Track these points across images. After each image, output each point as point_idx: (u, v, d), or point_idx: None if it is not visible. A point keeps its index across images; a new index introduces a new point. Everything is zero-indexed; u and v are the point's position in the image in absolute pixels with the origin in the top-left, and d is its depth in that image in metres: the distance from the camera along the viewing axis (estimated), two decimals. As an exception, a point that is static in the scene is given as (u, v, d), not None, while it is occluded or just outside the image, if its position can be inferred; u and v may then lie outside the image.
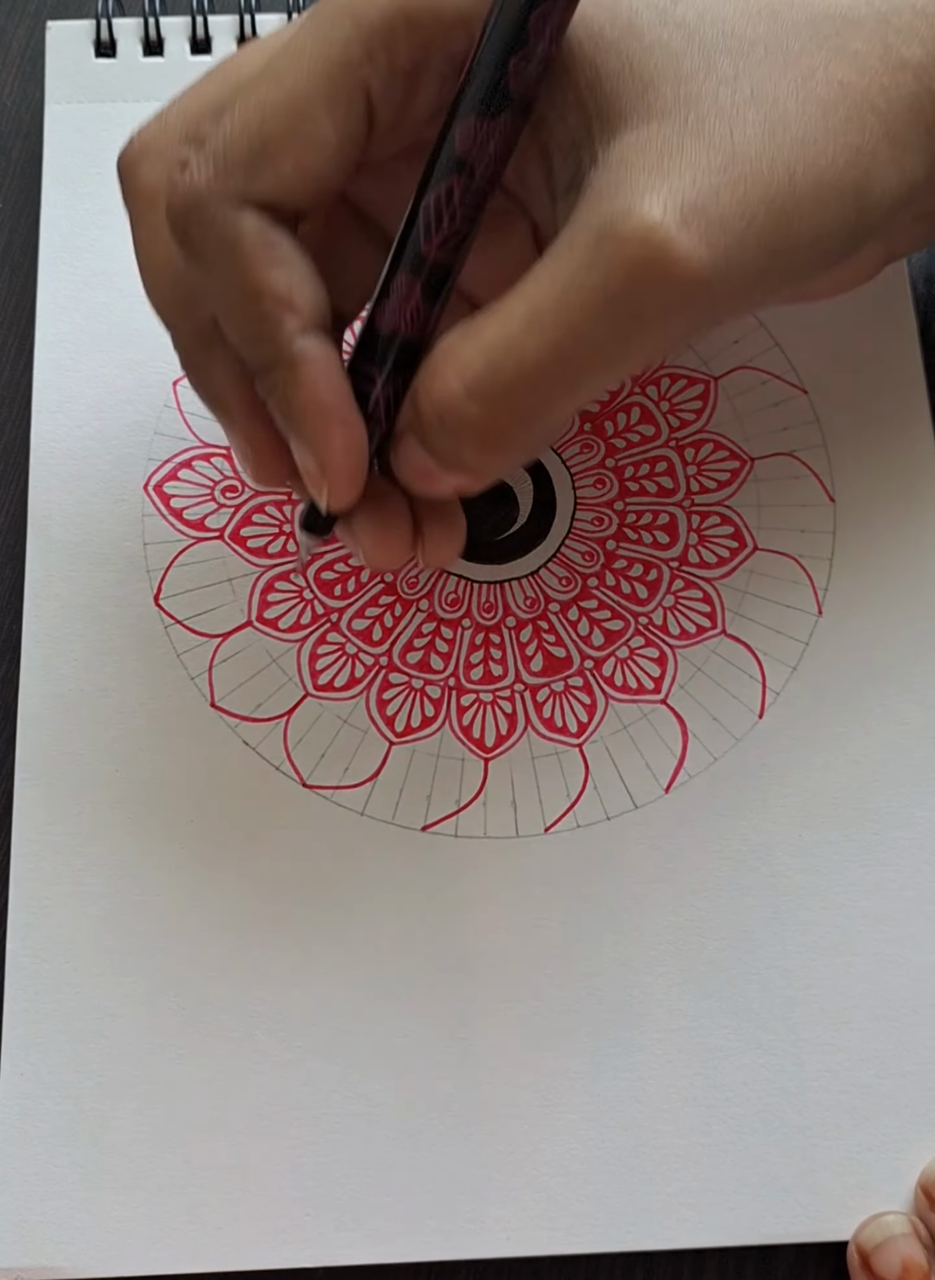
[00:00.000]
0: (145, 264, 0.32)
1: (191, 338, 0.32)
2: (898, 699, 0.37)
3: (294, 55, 0.29)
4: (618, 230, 0.28)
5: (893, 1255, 0.32)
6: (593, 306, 0.28)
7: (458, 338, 0.29)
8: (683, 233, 0.28)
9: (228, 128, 0.29)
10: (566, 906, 0.35)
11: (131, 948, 0.35)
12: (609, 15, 0.30)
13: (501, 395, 0.28)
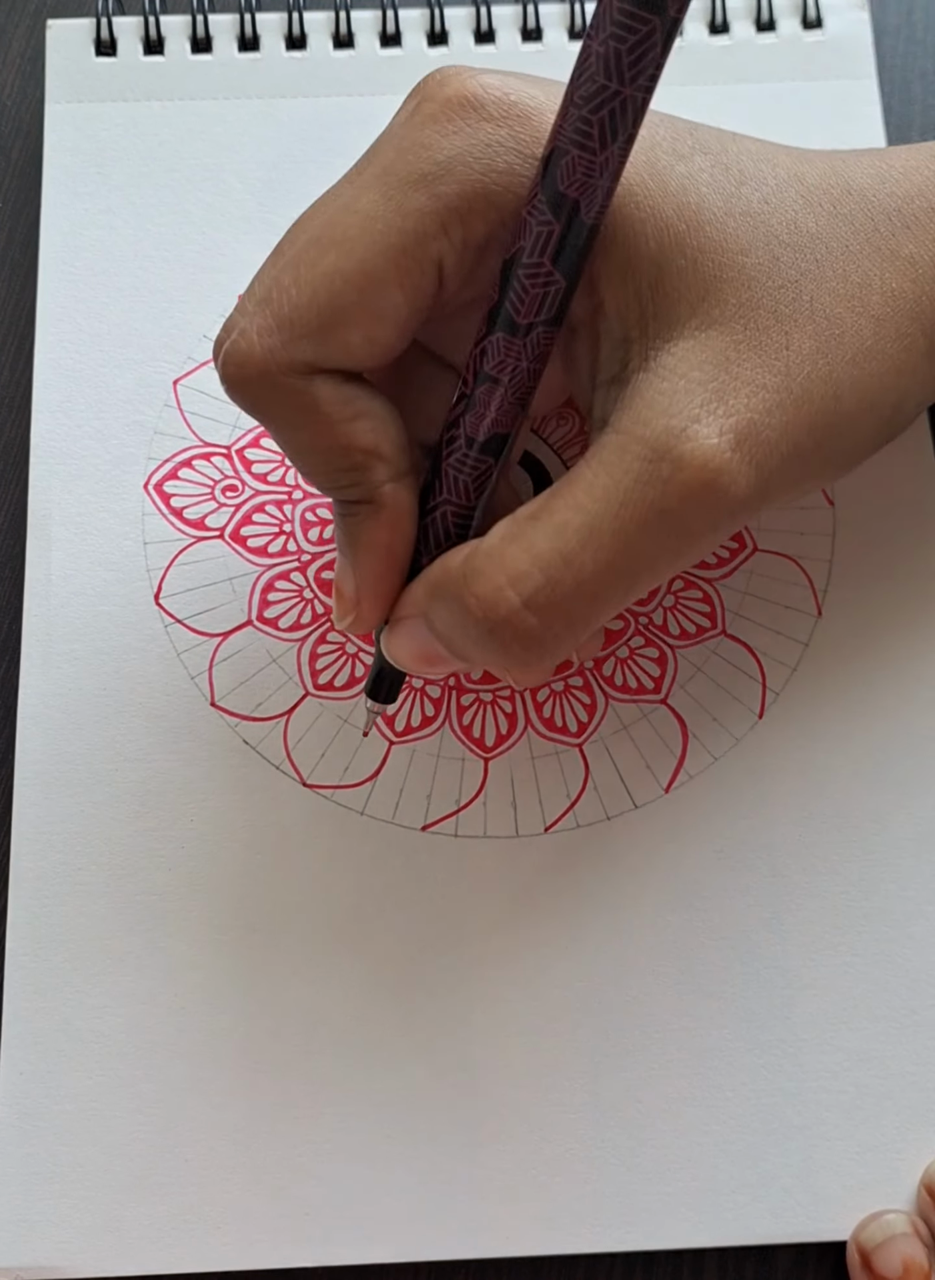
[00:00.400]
0: (299, 456, 0.32)
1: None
2: (897, 699, 0.37)
3: (365, 223, 0.29)
4: (675, 452, 0.28)
5: (893, 1254, 0.32)
6: (648, 523, 0.28)
7: (503, 541, 0.29)
8: (735, 457, 0.28)
9: (295, 296, 0.29)
10: (566, 906, 0.35)
11: (131, 948, 0.35)
12: (676, 207, 0.29)
13: (558, 607, 0.29)
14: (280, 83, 0.42)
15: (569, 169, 0.28)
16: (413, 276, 0.29)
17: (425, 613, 0.31)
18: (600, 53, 0.27)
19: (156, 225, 0.41)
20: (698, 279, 0.29)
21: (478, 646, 0.30)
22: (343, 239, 0.29)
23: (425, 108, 0.29)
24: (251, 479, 0.38)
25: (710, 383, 0.29)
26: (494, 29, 0.43)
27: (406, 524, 0.31)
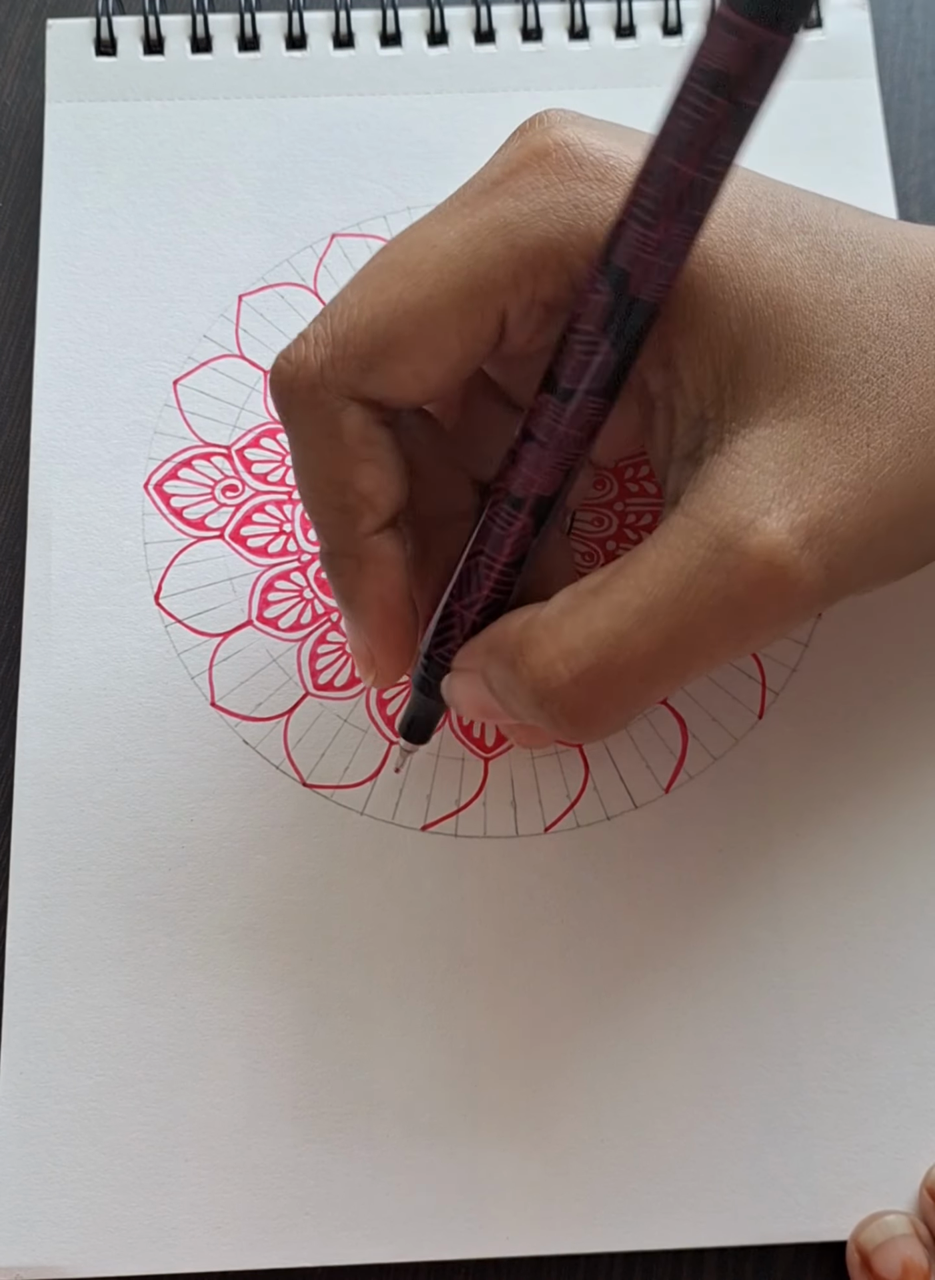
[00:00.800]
0: (302, 474, 0.32)
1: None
2: (897, 699, 0.37)
3: (439, 259, 0.28)
4: (743, 542, 0.28)
5: (893, 1255, 0.32)
6: (709, 610, 0.28)
7: (561, 613, 0.29)
8: (805, 554, 0.28)
9: (355, 315, 0.29)
10: (566, 906, 0.35)
11: (131, 948, 0.35)
12: (765, 291, 0.29)
13: (609, 686, 0.29)
14: (280, 82, 0.42)
15: (629, 242, 0.27)
16: (473, 323, 0.29)
17: (483, 669, 0.31)
18: (670, 130, 0.26)
19: (156, 225, 0.41)
20: (780, 366, 0.29)
21: (528, 713, 0.30)
22: (415, 270, 0.29)
23: (524, 153, 0.29)
24: (252, 479, 0.38)
25: (784, 475, 0.28)
26: (494, 29, 0.43)
27: (393, 575, 0.31)
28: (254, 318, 0.40)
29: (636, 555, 0.29)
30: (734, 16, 0.25)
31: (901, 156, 0.43)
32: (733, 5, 0.25)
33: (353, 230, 0.41)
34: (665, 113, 0.26)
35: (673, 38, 0.43)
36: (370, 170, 0.41)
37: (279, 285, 0.40)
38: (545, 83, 0.42)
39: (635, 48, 0.43)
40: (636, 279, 0.27)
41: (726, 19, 0.25)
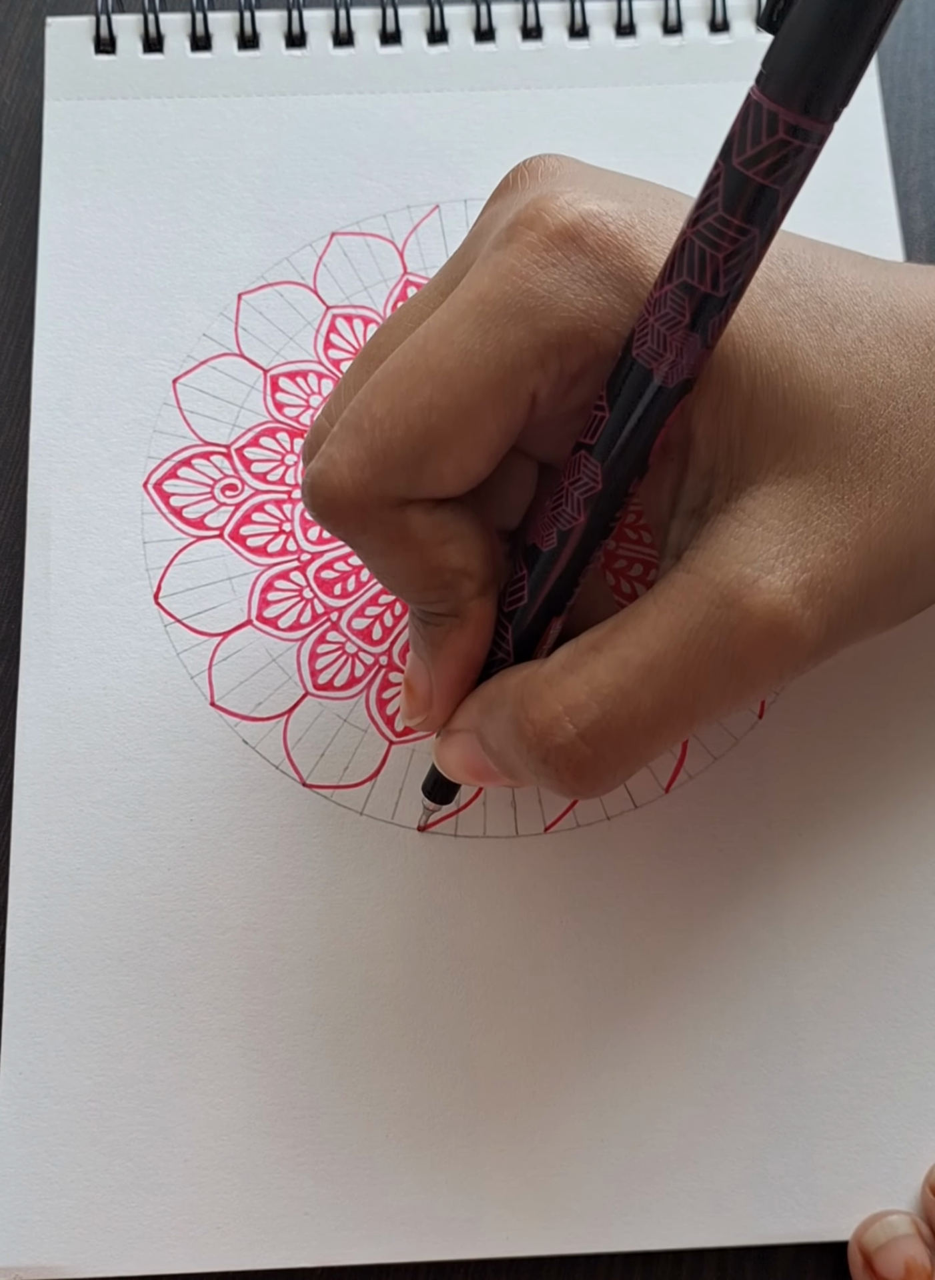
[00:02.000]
0: (388, 578, 0.32)
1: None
2: (897, 699, 0.37)
3: (462, 356, 0.28)
4: (744, 599, 0.28)
5: (896, 1256, 0.32)
6: (710, 669, 0.28)
7: (563, 670, 0.29)
8: (808, 612, 0.28)
9: (388, 428, 0.28)
10: (566, 906, 0.35)
11: (131, 948, 0.35)
12: (770, 346, 0.29)
13: (613, 741, 0.29)
14: (280, 80, 0.42)
15: (656, 340, 0.28)
16: (507, 408, 0.29)
17: (478, 728, 0.31)
18: (698, 248, 0.27)
19: (156, 223, 0.41)
20: (787, 419, 0.29)
21: (530, 770, 0.30)
22: (439, 371, 0.28)
23: (524, 235, 0.29)
24: (251, 478, 0.38)
25: (788, 533, 0.29)
26: (494, 27, 0.43)
27: (487, 635, 0.31)
28: (253, 316, 0.40)
29: (638, 610, 0.29)
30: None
31: (902, 154, 0.43)
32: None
33: (352, 228, 0.41)
34: (692, 224, 0.27)
35: (673, 36, 0.43)
36: (370, 168, 0.41)
37: (278, 284, 0.40)
38: (545, 81, 0.42)
39: (635, 46, 0.43)
40: (662, 373, 0.28)
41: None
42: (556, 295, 0.28)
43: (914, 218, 0.42)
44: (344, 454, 0.29)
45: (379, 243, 0.41)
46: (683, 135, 0.42)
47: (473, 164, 0.41)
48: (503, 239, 0.29)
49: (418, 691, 0.32)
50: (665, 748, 0.30)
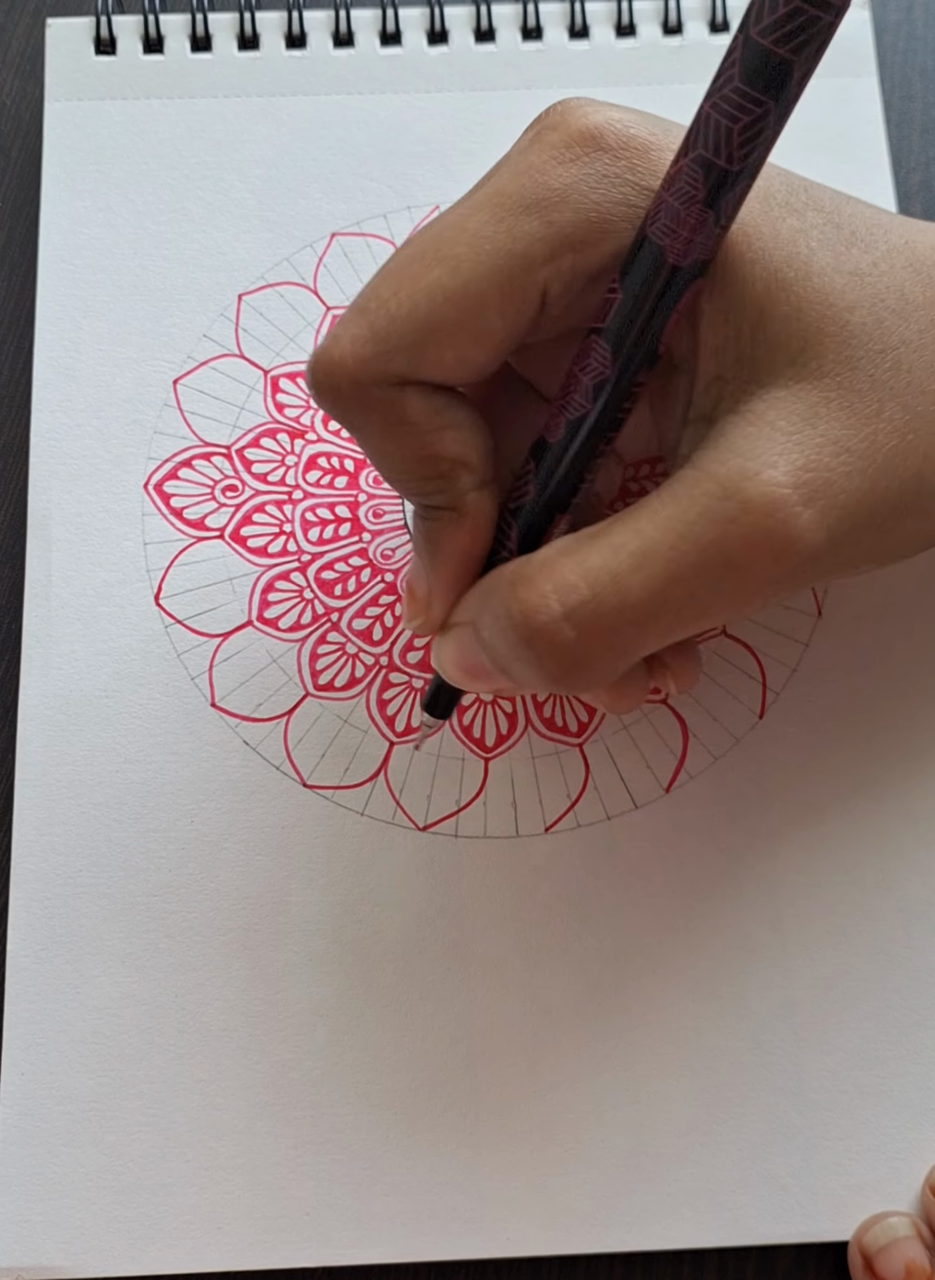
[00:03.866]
0: (385, 464, 0.31)
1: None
2: (897, 699, 0.37)
3: (473, 241, 0.28)
4: (744, 490, 0.28)
5: (896, 1258, 0.32)
6: (704, 561, 0.28)
7: (558, 553, 0.29)
8: (807, 510, 0.28)
9: (393, 308, 0.28)
10: (566, 906, 0.35)
11: (132, 949, 0.35)
12: (787, 255, 0.29)
13: (599, 625, 0.28)
14: (280, 81, 0.42)
15: (670, 211, 0.28)
16: (515, 301, 0.28)
17: (474, 620, 0.31)
18: (714, 120, 0.27)
19: (156, 223, 0.41)
20: (800, 328, 0.29)
21: (515, 656, 0.29)
22: (449, 256, 0.28)
23: (546, 136, 0.29)
24: (251, 479, 0.38)
25: (795, 434, 0.28)
26: (494, 28, 0.42)
27: (486, 531, 0.31)
28: (254, 317, 0.40)
29: (640, 503, 0.29)
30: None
31: (902, 154, 0.43)
32: None
33: (352, 229, 0.41)
34: (709, 97, 0.27)
35: (673, 36, 0.43)
36: (370, 169, 0.41)
37: (279, 284, 0.40)
38: (545, 81, 0.42)
39: (635, 46, 0.43)
40: (674, 251, 0.28)
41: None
42: (572, 189, 0.28)
43: (914, 217, 0.42)
44: (347, 331, 0.29)
45: (379, 243, 0.41)
46: (683, 135, 0.42)
47: (473, 165, 0.41)
48: (526, 142, 0.29)
49: (417, 593, 0.32)
50: (654, 643, 0.29)
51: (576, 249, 0.28)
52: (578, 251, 0.28)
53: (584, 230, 0.28)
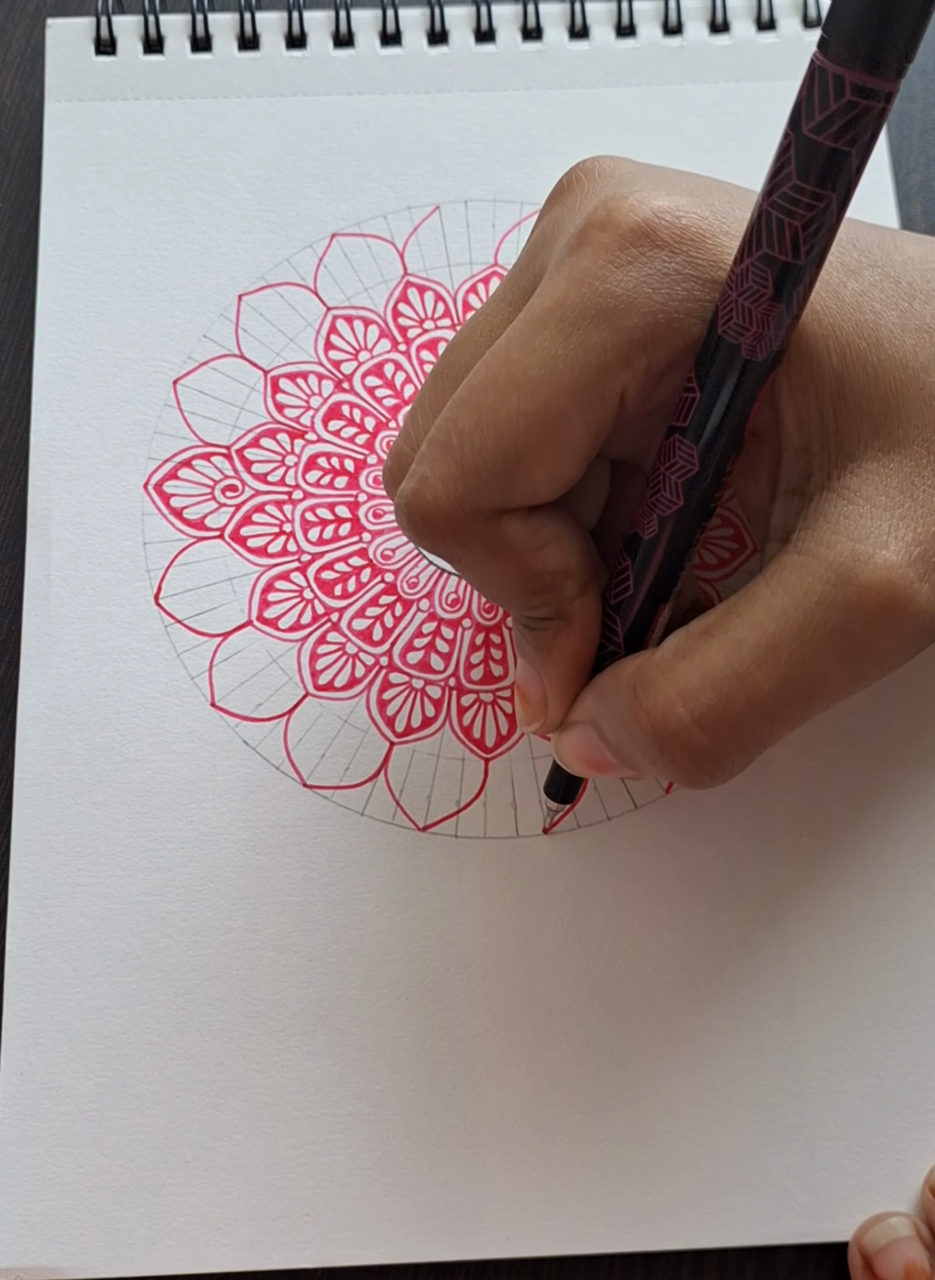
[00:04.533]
0: (489, 588, 0.32)
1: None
2: (897, 699, 0.37)
3: (546, 362, 0.28)
4: (861, 575, 0.28)
5: (896, 1258, 0.32)
6: (830, 646, 0.28)
7: (676, 655, 0.29)
8: (924, 584, 0.28)
9: (478, 441, 0.28)
10: (566, 907, 0.35)
11: (131, 948, 0.35)
12: (855, 324, 0.29)
13: (730, 726, 0.28)
14: (280, 82, 0.42)
15: (740, 316, 0.28)
16: (596, 411, 0.28)
17: (594, 719, 0.31)
18: (775, 218, 0.27)
19: (156, 224, 0.41)
20: (879, 395, 0.29)
21: (646, 759, 0.30)
22: (523, 380, 0.28)
23: (595, 237, 0.29)
24: (251, 479, 0.38)
25: (896, 508, 0.28)
26: (494, 28, 0.43)
27: (594, 632, 0.31)
28: (254, 317, 0.40)
29: (750, 594, 0.29)
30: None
31: (902, 154, 0.43)
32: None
33: (353, 230, 0.41)
34: (767, 195, 0.27)
35: (673, 37, 0.43)
36: (370, 170, 0.41)
37: (279, 285, 0.40)
38: (545, 82, 0.42)
39: (635, 47, 0.43)
40: (749, 347, 0.28)
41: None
42: (635, 292, 0.28)
43: (914, 218, 0.42)
44: (436, 470, 0.29)
45: (379, 244, 0.41)
46: (683, 136, 0.42)
47: (473, 165, 0.42)
48: (574, 244, 0.29)
49: (531, 696, 0.32)
50: (785, 732, 0.29)
51: (648, 350, 0.28)
52: (650, 353, 0.28)
53: (653, 331, 0.28)
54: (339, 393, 0.39)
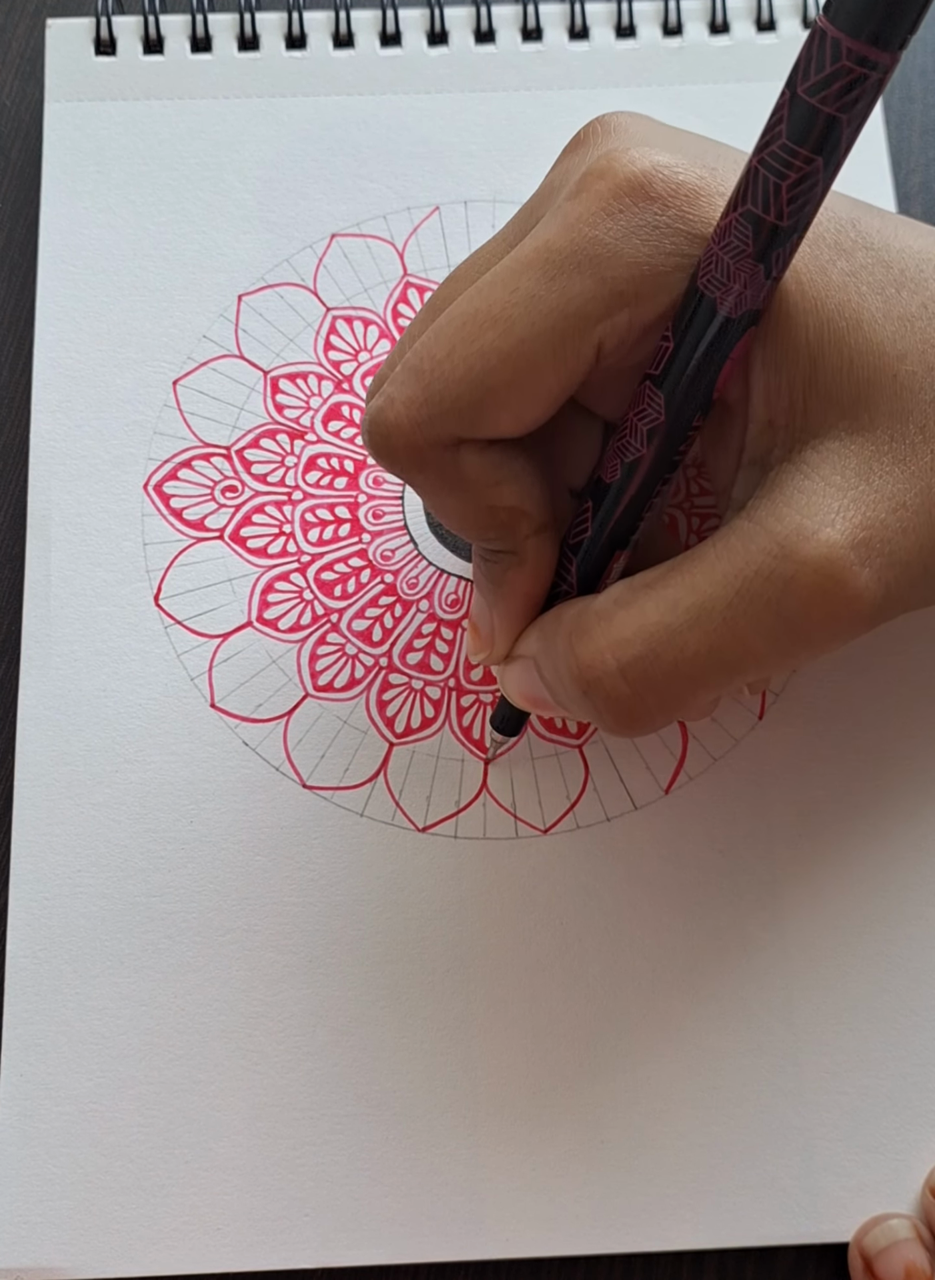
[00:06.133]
0: (445, 516, 0.32)
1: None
2: (897, 700, 0.37)
3: (527, 302, 0.28)
4: (802, 551, 0.28)
5: (896, 1260, 0.32)
6: (761, 619, 0.28)
7: (614, 604, 0.29)
8: (865, 570, 0.28)
9: (447, 370, 0.28)
10: (566, 907, 0.35)
11: (131, 948, 0.35)
12: (838, 303, 0.29)
13: (653, 681, 0.29)
14: (280, 82, 0.42)
15: (715, 271, 0.28)
16: (570, 360, 0.28)
17: (535, 656, 0.31)
18: (763, 176, 0.26)
19: (156, 224, 0.41)
20: (852, 380, 0.29)
21: (574, 702, 0.30)
22: (501, 317, 0.28)
23: (593, 185, 0.28)
24: (251, 480, 0.38)
25: (850, 490, 0.28)
26: (494, 29, 0.43)
27: (546, 573, 0.31)
28: (253, 318, 0.40)
29: (695, 554, 0.29)
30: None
31: (902, 155, 0.43)
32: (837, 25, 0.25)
33: (352, 230, 0.41)
34: (759, 151, 0.27)
35: (673, 38, 0.43)
36: (370, 170, 0.41)
37: (278, 285, 0.40)
38: (545, 82, 0.42)
39: (635, 48, 0.43)
40: (725, 303, 0.28)
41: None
42: (623, 242, 0.28)
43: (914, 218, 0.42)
44: (402, 393, 0.29)
45: (379, 244, 0.41)
46: (683, 136, 0.42)
47: (473, 165, 0.41)
48: (572, 191, 0.29)
49: (481, 629, 0.32)
50: (710, 696, 0.29)
51: (631, 304, 0.28)
52: (632, 306, 0.28)
53: (637, 284, 0.28)
54: (339, 393, 0.39)
